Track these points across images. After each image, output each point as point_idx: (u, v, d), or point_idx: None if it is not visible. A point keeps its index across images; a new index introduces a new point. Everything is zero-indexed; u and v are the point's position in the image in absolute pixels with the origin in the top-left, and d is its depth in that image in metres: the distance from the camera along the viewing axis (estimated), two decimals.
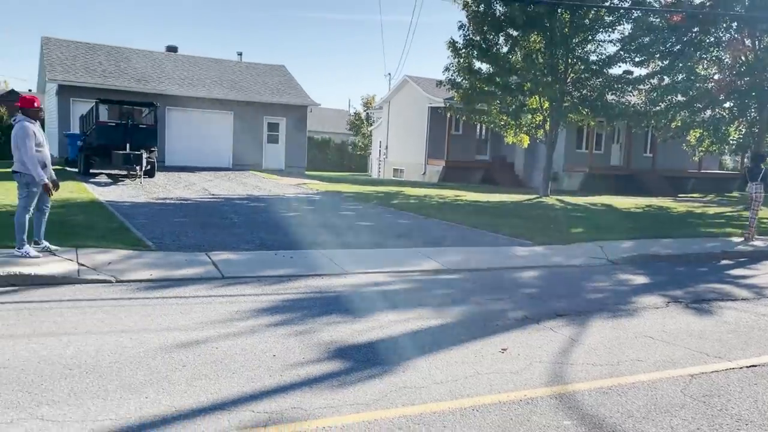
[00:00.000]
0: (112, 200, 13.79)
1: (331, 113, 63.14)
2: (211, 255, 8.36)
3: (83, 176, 19.46)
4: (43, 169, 7.42)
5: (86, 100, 23.15)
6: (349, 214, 14.27)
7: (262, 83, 30.68)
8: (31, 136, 7.30)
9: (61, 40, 28.11)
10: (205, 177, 22.46)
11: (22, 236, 7.38)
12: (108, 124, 19.40)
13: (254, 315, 5.95)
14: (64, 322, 5.39)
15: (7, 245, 7.56)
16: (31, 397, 3.81)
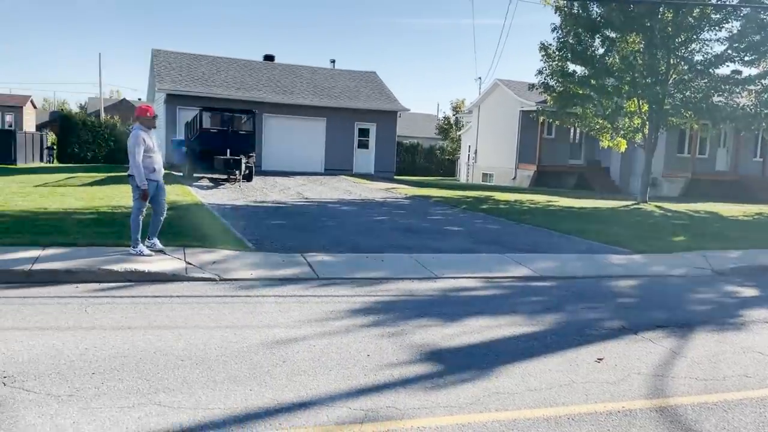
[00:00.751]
0: (213, 203, 14.55)
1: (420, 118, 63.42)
2: (306, 256, 8.67)
3: (187, 180, 20.63)
4: (152, 173, 7.95)
5: (191, 107, 24.51)
6: (438, 218, 14.32)
7: (354, 90, 31.31)
8: (140, 143, 7.85)
9: (169, 52, 29.92)
10: (298, 181, 23.20)
11: (136, 236, 7.96)
12: (210, 130, 20.48)
13: (348, 315, 6.13)
14: (176, 316, 5.78)
15: (126, 244, 8.16)
16: (149, 385, 4.14)
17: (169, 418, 3.66)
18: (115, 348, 4.80)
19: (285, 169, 27.75)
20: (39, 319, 5.45)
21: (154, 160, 8.03)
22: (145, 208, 8.05)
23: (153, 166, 8.01)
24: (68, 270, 6.92)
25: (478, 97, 37.40)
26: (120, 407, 3.77)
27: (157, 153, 8.08)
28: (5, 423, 3.47)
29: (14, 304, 5.85)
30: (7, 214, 10.50)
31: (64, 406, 3.74)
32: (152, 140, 8.04)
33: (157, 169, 8.08)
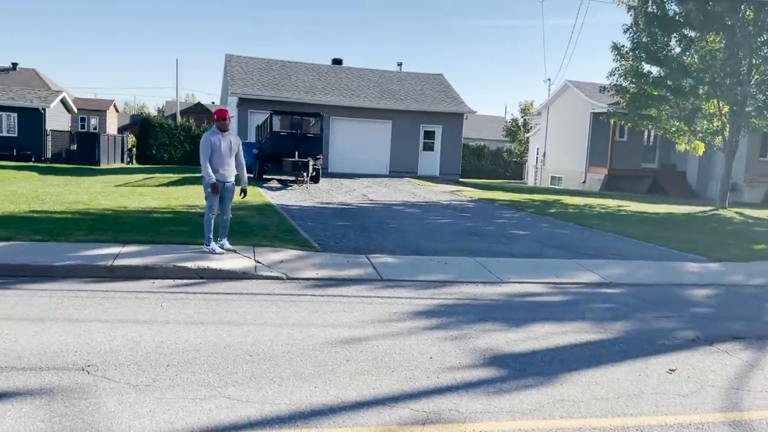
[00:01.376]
0: (282, 204, 14.91)
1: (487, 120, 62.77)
2: (370, 258, 8.77)
3: (257, 181, 21.20)
4: (216, 173, 8.23)
5: (261, 111, 25.19)
6: (504, 222, 14.16)
7: (420, 92, 31.35)
8: (207, 144, 8.24)
9: (242, 57, 30.86)
10: (364, 183, 23.44)
11: (208, 234, 8.28)
12: (280, 133, 21.00)
13: (411, 317, 6.17)
14: (245, 313, 5.98)
15: (199, 242, 8.50)
16: (219, 378, 4.31)
17: (238, 411, 3.80)
18: (188, 342, 5.02)
19: (351, 171, 28.09)
20: (119, 312, 5.76)
21: (219, 160, 8.30)
22: (215, 206, 8.36)
23: (217, 167, 8.30)
24: (146, 266, 7.27)
25: (548, 98, 36.70)
26: (192, 398, 3.94)
27: (225, 154, 8.31)
28: (89, 409, 3.70)
29: (97, 298, 6.21)
30: (91, 213, 11.12)
31: (141, 395, 3.95)
32: (223, 142, 8.31)
33: (222, 171, 8.32)
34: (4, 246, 7.74)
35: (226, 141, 8.34)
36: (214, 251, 8.15)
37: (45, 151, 31.07)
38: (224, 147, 8.32)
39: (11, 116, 30.67)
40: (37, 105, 30.77)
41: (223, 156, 8.31)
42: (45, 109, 30.90)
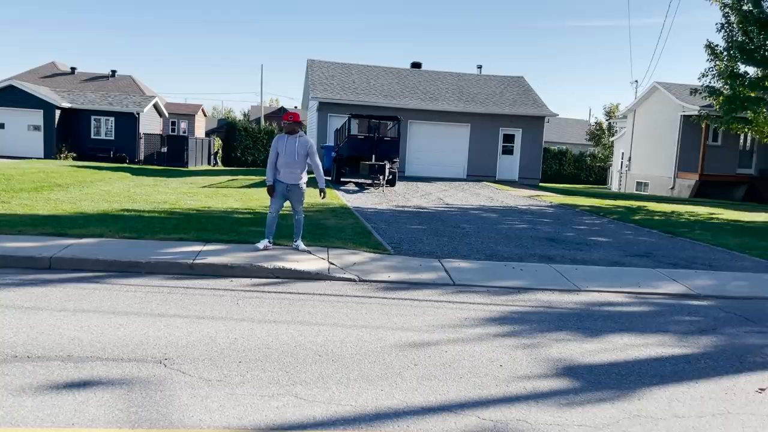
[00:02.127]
0: (358, 206, 15.06)
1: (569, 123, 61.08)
2: (443, 262, 8.70)
3: (335, 184, 21.54)
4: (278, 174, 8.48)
5: (340, 115, 25.61)
6: (584, 228, 13.69)
7: (500, 95, 30.90)
8: (273, 148, 8.60)
9: (323, 62, 31.48)
10: (440, 187, 23.32)
11: (267, 231, 8.59)
12: (357, 137, 21.26)
13: (482, 323, 6.06)
14: (316, 313, 6.07)
15: (276, 243, 8.71)
16: (288, 377, 4.38)
17: (305, 411, 3.85)
18: (261, 339, 5.14)
19: (427, 174, 28.05)
20: (197, 308, 5.97)
21: (283, 162, 8.49)
22: (275, 206, 8.56)
23: (280, 168, 8.51)
24: (224, 265, 7.52)
25: (634, 100, 35.29)
26: (261, 395, 4.03)
27: (290, 157, 8.44)
28: (164, 401, 3.85)
29: (178, 294, 6.47)
30: (177, 212, 11.64)
31: (213, 389, 4.07)
32: (288, 145, 8.47)
33: (285, 172, 8.49)
34: (96, 242, 8.21)
35: (292, 144, 8.49)
36: (257, 248, 8.38)
37: (138, 153, 32.87)
38: (289, 149, 8.47)
39: (109, 120, 32.65)
40: (132, 109, 32.60)
41: (287, 158, 8.47)
42: (139, 114, 32.70)
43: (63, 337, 4.87)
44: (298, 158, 8.50)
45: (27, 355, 4.45)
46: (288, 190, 8.57)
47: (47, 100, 30.51)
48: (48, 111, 30.52)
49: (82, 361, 4.39)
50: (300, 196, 8.66)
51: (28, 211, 10.58)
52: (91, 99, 33.47)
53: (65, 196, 13.27)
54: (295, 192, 8.63)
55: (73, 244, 7.94)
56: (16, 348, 4.57)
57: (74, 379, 4.09)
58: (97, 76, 49.15)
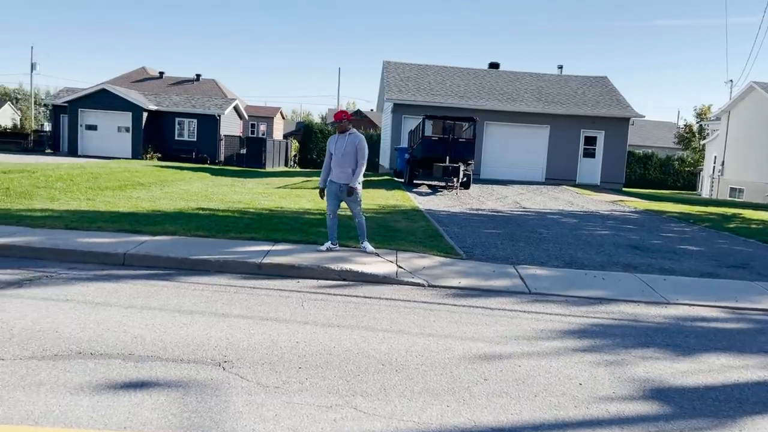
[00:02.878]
0: (430, 209, 14.75)
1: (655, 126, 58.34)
2: (518, 268, 8.26)
3: (407, 186, 21.32)
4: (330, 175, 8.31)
5: (415, 116, 25.36)
6: (672, 236, 12.81)
7: (581, 96, 29.78)
8: (328, 148, 8.44)
9: (398, 63, 31.37)
10: (517, 190, 22.65)
11: (329, 234, 8.43)
12: (432, 138, 20.94)
13: (560, 336, 5.63)
14: (382, 319, 5.81)
15: (343, 244, 8.54)
16: (348, 387, 4.14)
17: (363, 425, 3.59)
18: (323, 345, 4.94)
19: (503, 177, 27.36)
20: (261, 309, 5.85)
21: (335, 162, 8.28)
22: (330, 207, 8.39)
23: (333, 168, 8.32)
24: (292, 266, 7.40)
25: (728, 102, 33.16)
26: (319, 406, 3.80)
27: (341, 156, 8.19)
28: (218, 407, 3.69)
29: (243, 294, 6.39)
30: (250, 212, 11.72)
31: (270, 397, 3.88)
32: (339, 143, 8.24)
33: (337, 172, 8.26)
34: (170, 240, 8.31)
35: (342, 142, 8.26)
36: (318, 249, 8.22)
37: (219, 154, 33.86)
38: (339, 148, 8.24)
39: (192, 122, 33.83)
40: (214, 112, 33.63)
41: (338, 157, 8.24)
42: (220, 116, 33.69)
43: (127, 335, 4.83)
44: (349, 157, 8.23)
45: (90, 351, 4.42)
46: (341, 190, 8.32)
47: (135, 102, 31.94)
48: (136, 113, 31.94)
49: (143, 361, 4.32)
50: (356, 197, 8.36)
51: (110, 208, 10.92)
52: (175, 102, 34.79)
53: (146, 195, 13.67)
54: (354, 195, 8.34)
55: (147, 241, 8.06)
56: (81, 344, 4.56)
57: (132, 379, 4.01)
58: (183, 80, 51.18)
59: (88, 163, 24.19)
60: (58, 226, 8.59)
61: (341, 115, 8.30)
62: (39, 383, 3.83)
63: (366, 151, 8.29)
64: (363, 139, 8.41)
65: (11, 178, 14.50)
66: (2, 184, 12.94)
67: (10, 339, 4.57)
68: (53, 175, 15.79)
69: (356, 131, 8.46)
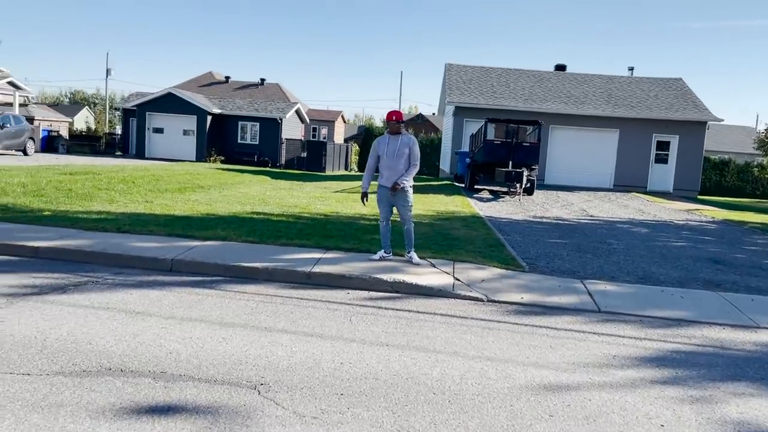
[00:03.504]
0: (491, 215, 14.14)
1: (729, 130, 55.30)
2: (586, 283, 7.61)
3: (468, 191, 20.72)
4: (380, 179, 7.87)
5: (477, 120, 24.72)
6: (758, 249, 11.75)
7: (654, 98, 28.36)
8: (373, 149, 7.99)
9: (460, 66, 30.76)
10: (583, 197, 21.67)
11: (382, 242, 8.01)
12: (494, 142, 20.26)
13: (635, 364, 5.00)
14: (435, 338, 5.34)
15: (399, 253, 8.11)
16: (394, 419, 3.70)
17: None
18: (369, 367, 4.51)
19: (569, 183, 26.32)
20: (307, 323, 5.48)
21: (384, 164, 7.84)
22: (383, 213, 7.98)
23: (383, 171, 7.87)
24: (342, 275, 7.02)
25: None
26: None
27: (391, 158, 7.76)
28: None
29: (289, 305, 6.04)
30: (305, 217, 11.46)
31: (306, 429, 3.48)
32: (390, 145, 7.80)
33: (387, 175, 7.82)
34: (219, 245, 8.09)
35: (394, 144, 7.81)
36: (370, 258, 7.82)
37: (280, 157, 34.10)
38: (391, 150, 7.79)
39: (254, 126, 34.21)
40: (275, 115, 33.90)
41: (389, 160, 7.79)
42: (281, 120, 33.93)
43: (162, 350, 4.55)
44: (401, 159, 7.78)
45: (121, 368, 4.15)
46: (392, 195, 7.90)
47: (200, 106, 32.55)
48: (200, 116, 32.55)
49: (174, 380, 4.01)
50: (406, 201, 7.89)
51: (166, 211, 10.88)
52: (239, 105, 35.30)
53: (203, 198, 13.66)
54: (401, 197, 7.88)
55: (197, 246, 7.86)
56: (113, 359, 4.30)
57: (159, 402, 3.69)
58: (248, 85, 52.13)
59: (152, 165, 24.71)
60: (111, 229, 8.53)
61: (393, 116, 7.87)
62: (60, 404, 3.56)
63: (419, 153, 7.89)
64: (416, 141, 7.98)
65: (75, 179, 14.81)
66: (65, 186, 13.18)
67: (41, 351, 4.36)
68: (116, 177, 16.06)
69: (406, 133, 8.03)
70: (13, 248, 7.28)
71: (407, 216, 7.93)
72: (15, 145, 25.74)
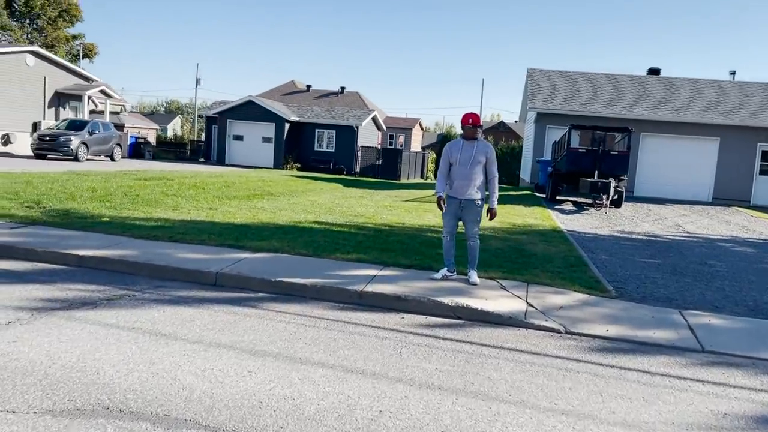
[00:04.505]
0: (573, 230, 12.96)
1: None
2: (685, 314, 6.47)
3: (549, 203, 19.47)
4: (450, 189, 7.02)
5: (560, 126, 23.37)
6: None
7: (758, 105, 25.94)
8: (444, 154, 7.12)
9: (543, 71, 29.38)
10: (677, 211, 19.89)
11: (445, 258, 7.19)
12: (578, 150, 18.91)
13: (752, 427, 3.93)
14: (499, 380, 4.46)
15: (465, 272, 7.25)
16: None
17: None
18: (414, 419, 3.71)
19: (661, 195, 24.41)
20: (348, 355, 4.74)
21: (456, 172, 6.98)
22: (447, 227, 7.12)
23: (453, 179, 7.01)
24: (397, 296, 6.25)
25: None
26: None
27: (464, 166, 6.91)
28: None
29: (333, 330, 5.33)
30: (368, 228, 10.78)
31: None
32: (464, 151, 6.95)
33: (458, 184, 6.96)
34: (270, 258, 7.52)
35: (469, 150, 6.94)
36: (433, 277, 7.03)
37: (355, 165, 33.79)
38: (465, 157, 6.92)
39: (331, 133, 34.11)
40: (352, 123, 33.65)
41: (462, 168, 6.93)
42: (357, 127, 33.63)
43: (175, 384, 3.93)
44: (476, 168, 6.91)
45: (120, 407, 3.55)
46: (461, 206, 7.02)
47: (278, 113, 32.76)
48: (278, 124, 32.75)
49: (176, 428, 3.36)
50: (476, 214, 7.00)
51: (226, 219, 10.49)
52: (316, 113, 35.32)
53: (269, 205, 13.27)
54: (470, 209, 7.00)
55: (246, 259, 7.31)
56: (115, 395, 3.71)
57: None
58: (328, 93, 52.54)
59: (228, 171, 24.90)
60: (163, 238, 8.14)
61: (470, 118, 7.02)
62: None
63: (496, 163, 7.07)
64: (493, 149, 7.13)
65: (147, 185, 14.83)
66: (134, 192, 13.14)
67: (41, 381, 3.84)
68: (187, 183, 16.02)
69: (483, 139, 7.18)
70: (58, 256, 6.98)
71: (474, 231, 7.06)
72: (103, 150, 26.68)
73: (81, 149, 24.64)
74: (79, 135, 24.72)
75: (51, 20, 48.96)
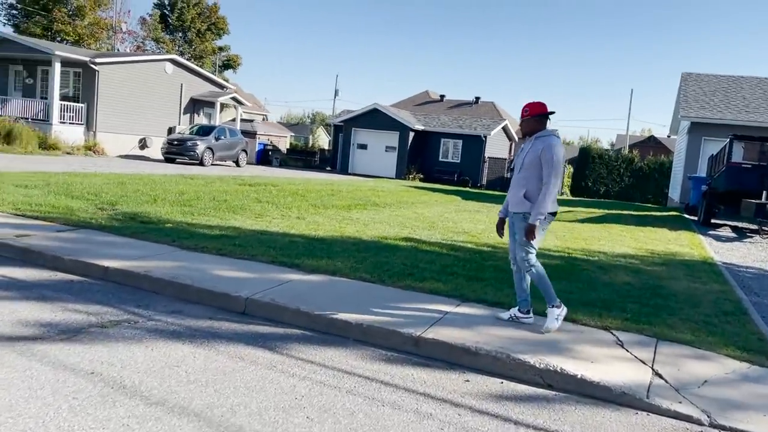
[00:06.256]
0: (730, 263, 10.37)
1: None
2: None
3: (701, 226, 16.53)
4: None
5: (718, 138, 20.09)
6: None
7: None
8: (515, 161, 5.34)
9: (701, 75, 25.83)
10: None
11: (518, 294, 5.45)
12: (741, 165, 15.81)
13: None
14: None
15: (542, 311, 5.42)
16: None
17: None
18: None
19: None
20: None
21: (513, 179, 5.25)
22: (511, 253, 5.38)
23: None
24: (465, 348, 4.59)
25: None
26: None
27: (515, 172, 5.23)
28: None
29: (359, 396, 3.81)
30: (466, 248, 9.12)
31: None
32: (518, 156, 5.28)
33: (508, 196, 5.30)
34: (319, 282, 6.15)
35: (524, 150, 5.19)
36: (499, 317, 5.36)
37: (481, 177, 31.89)
38: (518, 161, 5.24)
39: (457, 143, 32.51)
40: (480, 132, 31.83)
41: (514, 174, 5.28)
42: (486, 137, 31.73)
43: None
44: (530, 171, 5.07)
45: None
46: (512, 222, 5.29)
47: (402, 122, 31.76)
48: (402, 133, 31.74)
49: None
50: (519, 234, 5.13)
51: (305, 230, 9.33)
52: (442, 122, 33.92)
53: (366, 217, 12.01)
54: (514, 227, 5.24)
55: (292, 281, 6.01)
56: None
57: None
58: (462, 103, 50.97)
59: (347, 180, 24.18)
60: (210, 250, 7.07)
61: (526, 108, 5.17)
62: None
63: (557, 160, 4.97)
64: (556, 144, 5.04)
65: (243, 190, 14.21)
66: (223, 197, 12.46)
67: None
68: (288, 190, 15.25)
69: (549, 133, 5.19)
70: (82, 266, 6.10)
71: (521, 255, 5.14)
72: (228, 156, 27.17)
73: (206, 154, 25.14)
74: (205, 140, 25.25)
75: (200, 33, 52.10)
